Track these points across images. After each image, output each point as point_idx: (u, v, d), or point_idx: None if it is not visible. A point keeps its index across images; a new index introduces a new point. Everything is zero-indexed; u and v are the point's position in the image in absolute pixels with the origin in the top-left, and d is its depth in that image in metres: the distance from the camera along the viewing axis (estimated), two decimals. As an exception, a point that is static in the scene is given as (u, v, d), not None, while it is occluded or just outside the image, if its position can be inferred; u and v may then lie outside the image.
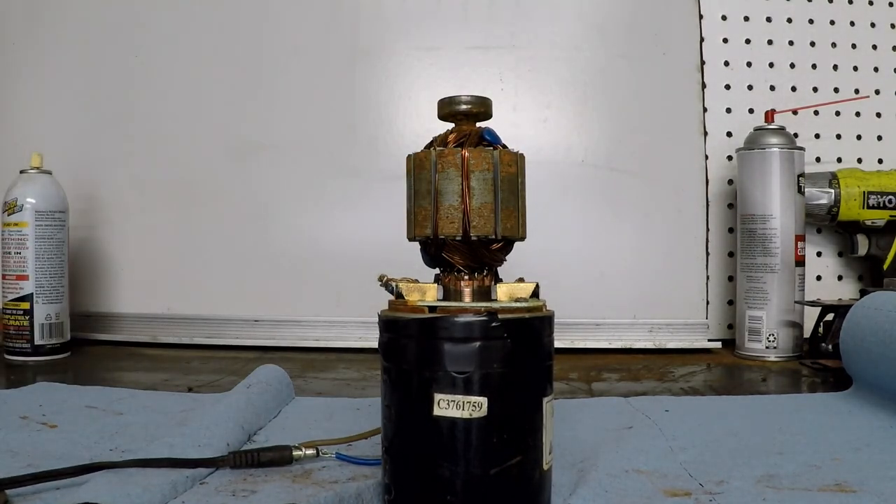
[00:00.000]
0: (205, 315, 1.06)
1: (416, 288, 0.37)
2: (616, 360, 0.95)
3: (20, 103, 1.13)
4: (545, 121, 1.06)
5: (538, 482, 0.36)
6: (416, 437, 0.35)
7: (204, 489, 0.42)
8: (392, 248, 0.62)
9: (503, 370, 0.34)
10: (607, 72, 1.06)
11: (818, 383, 0.79)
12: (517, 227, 0.37)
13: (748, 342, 0.96)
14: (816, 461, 0.47)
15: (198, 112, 1.09)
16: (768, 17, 1.08)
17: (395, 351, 0.36)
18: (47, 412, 0.60)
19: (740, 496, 0.41)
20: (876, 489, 0.41)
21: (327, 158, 1.07)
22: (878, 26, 1.08)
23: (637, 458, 0.47)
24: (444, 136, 0.38)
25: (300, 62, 1.08)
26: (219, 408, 0.53)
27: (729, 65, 1.08)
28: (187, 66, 1.09)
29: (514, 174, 0.37)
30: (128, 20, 1.11)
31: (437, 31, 1.07)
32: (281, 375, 0.65)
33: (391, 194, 0.73)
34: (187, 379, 0.79)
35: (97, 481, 0.40)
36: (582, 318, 1.01)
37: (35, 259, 0.91)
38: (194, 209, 1.09)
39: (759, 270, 0.95)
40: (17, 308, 0.90)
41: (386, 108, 1.08)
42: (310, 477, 0.44)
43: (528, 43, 1.06)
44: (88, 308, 1.08)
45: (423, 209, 0.37)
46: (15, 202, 0.90)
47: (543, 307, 0.37)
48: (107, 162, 1.10)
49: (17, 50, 1.13)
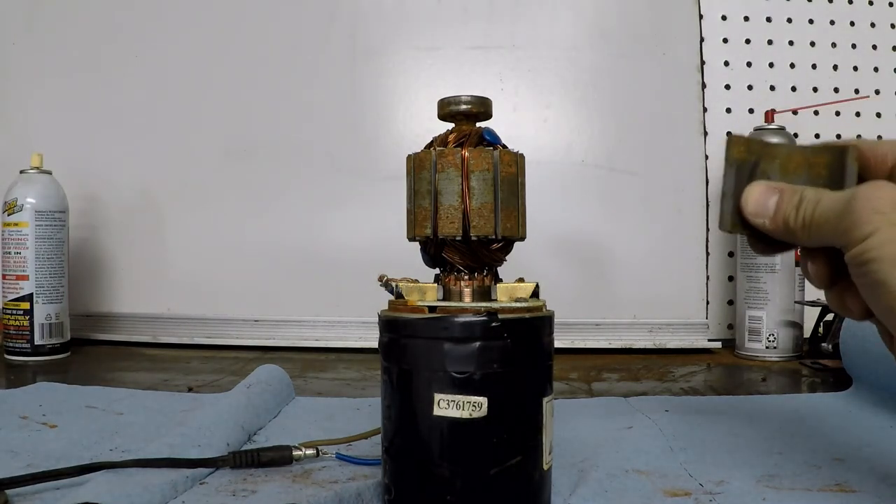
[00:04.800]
0: (205, 315, 1.06)
1: (416, 288, 0.37)
2: (616, 360, 0.95)
3: (20, 103, 1.13)
4: (545, 121, 1.06)
5: (538, 482, 0.36)
6: (416, 437, 0.35)
7: (204, 489, 0.42)
8: (392, 248, 0.62)
9: (503, 370, 0.34)
10: (607, 72, 1.06)
11: (818, 383, 0.79)
12: (517, 227, 0.37)
13: (748, 342, 0.96)
14: (816, 461, 0.47)
15: (197, 112, 1.09)
16: (768, 17, 1.08)
17: (396, 351, 0.36)
18: (47, 412, 0.59)
19: (740, 496, 0.41)
20: (876, 489, 0.41)
21: (327, 158, 1.07)
22: (878, 26, 1.07)
23: (637, 458, 0.47)
24: (444, 136, 0.38)
25: (300, 62, 1.08)
26: (219, 408, 0.53)
27: (729, 65, 1.08)
28: (187, 65, 1.09)
29: (514, 174, 0.37)
30: (128, 20, 1.11)
31: (437, 31, 1.07)
32: (281, 375, 0.65)
33: (391, 194, 0.73)
34: (187, 379, 0.79)
35: (97, 481, 0.40)
36: (582, 318, 1.01)
37: (35, 259, 0.91)
38: (194, 209, 1.09)
39: (759, 270, 0.95)
40: (17, 308, 0.90)
41: (386, 108, 1.08)
42: (310, 477, 0.44)
43: (528, 43, 1.06)
44: (88, 308, 1.08)
45: (423, 209, 0.37)
46: (15, 202, 0.90)
47: (543, 307, 0.37)
48: (107, 162, 1.10)
49: (17, 50, 1.13)
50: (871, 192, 0.32)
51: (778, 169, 0.36)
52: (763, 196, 0.35)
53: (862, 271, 0.32)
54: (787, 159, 0.36)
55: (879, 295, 0.31)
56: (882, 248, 0.30)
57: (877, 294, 0.32)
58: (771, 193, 0.35)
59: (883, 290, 0.31)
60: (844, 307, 0.36)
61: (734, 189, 0.37)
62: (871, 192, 0.32)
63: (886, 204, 0.31)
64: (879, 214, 0.31)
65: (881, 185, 0.32)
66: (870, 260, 0.31)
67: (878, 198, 0.31)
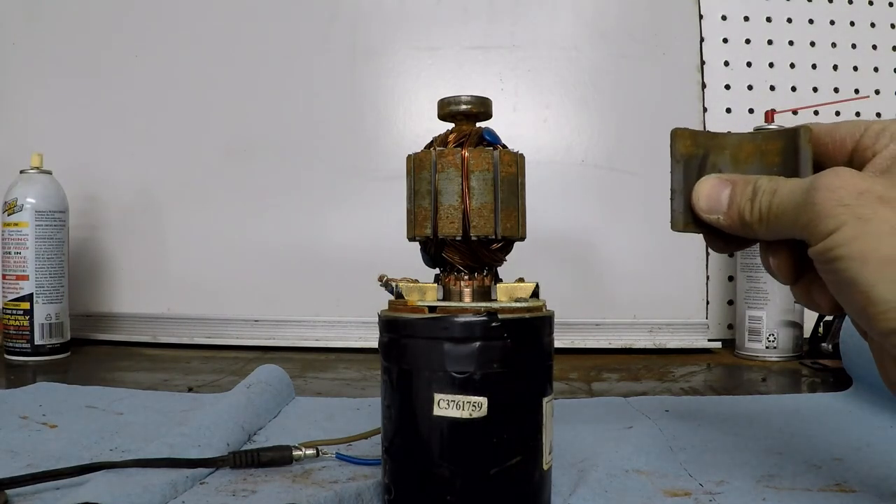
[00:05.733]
0: (205, 315, 1.06)
1: (416, 288, 0.37)
2: (616, 360, 0.95)
3: (20, 103, 1.13)
4: (545, 121, 1.06)
5: (538, 482, 0.36)
6: (416, 437, 0.35)
7: (204, 489, 0.42)
8: (392, 248, 0.62)
9: (503, 370, 0.34)
10: (607, 72, 1.06)
11: (818, 383, 0.79)
12: (517, 227, 0.37)
13: (748, 342, 0.96)
14: (816, 461, 0.47)
15: (198, 112, 1.09)
16: (768, 17, 1.08)
17: (395, 351, 0.36)
18: (47, 412, 0.59)
19: (740, 496, 0.41)
20: (876, 489, 0.41)
21: (327, 158, 1.07)
22: (878, 26, 1.08)
23: (637, 458, 0.47)
24: (444, 136, 0.38)
25: (300, 62, 1.08)
26: (219, 408, 0.53)
27: (729, 65, 1.08)
28: (187, 65, 1.09)
29: (514, 174, 0.37)
30: (128, 20, 1.11)
31: (437, 31, 1.07)
32: (281, 375, 0.65)
33: (391, 194, 0.73)
34: (187, 379, 0.79)
35: (97, 481, 0.40)
36: (582, 318, 1.01)
37: (35, 259, 0.91)
38: (194, 209, 1.09)
39: (759, 270, 0.95)
40: (17, 308, 0.90)
41: (386, 108, 1.08)
42: (310, 477, 0.44)
43: (528, 43, 1.06)
44: (88, 308, 1.09)
45: (423, 209, 0.37)
46: (15, 202, 0.90)
47: (543, 307, 0.37)
48: (107, 162, 1.10)
49: (17, 50, 1.13)
50: (833, 181, 0.29)
51: (729, 160, 0.34)
52: (715, 190, 0.33)
53: (830, 268, 0.30)
54: (737, 149, 0.34)
55: (850, 294, 0.29)
56: (850, 245, 0.28)
57: (848, 294, 0.30)
58: (723, 187, 0.33)
59: (854, 289, 0.29)
60: (812, 302, 0.34)
61: (683, 186, 0.35)
62: (832, 181, 0.29)
63: (850, 195, 0.29)
64: (844, 207, 0.29)
65: (843, 174, 0.30)
66: (838, 258, 0.29)
67: (840, 187, 0.29)
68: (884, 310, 0.28)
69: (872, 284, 0.28)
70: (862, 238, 0.28)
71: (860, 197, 0.29)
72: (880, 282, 0.28)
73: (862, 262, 0.28)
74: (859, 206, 0.28)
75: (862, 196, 0.29)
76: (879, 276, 0.28)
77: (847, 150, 0.33)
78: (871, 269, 0.28)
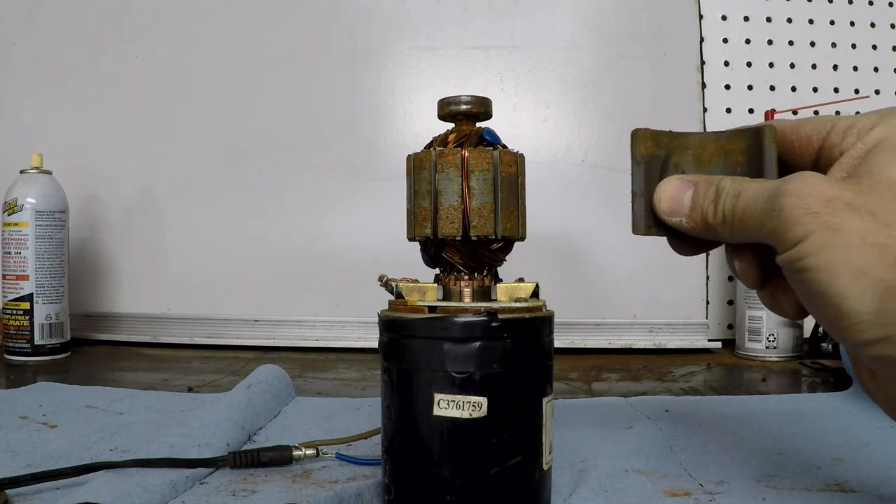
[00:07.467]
0: (205, 315, 1.06)
1: (416, 288, 0.37)
2: (616, 360, 0.95)
3: (20, 103, 1.13)
4: (545, 121, 1.06)
5: (538, 482, 0.36)
6: (416, 437, 0.35)
7: (204, 489, 0.42)
8: (392, 248, 0.62)
9: (503, 370, 0.34)
10: (607, 72, 1.06)
11: (818, 383, 0.79)
12: (517, 227, 0.37)
13: (748, 342, 0.96)
14: (816, 461, 0.47)
15: (198, 112, 1.09)
16: (768, 17, 1.08)
17: (395, 351, 0.36)
18: (47, 412, 0.60)
19: (740, 496, 0.41)
20: (876, 489, 0.41)
21: (327, 158, 1.07)
22: (878, 26, 1.08)
23: (637, 458, 0.47)
24: (444, 136, 0.38)
25: (300, 62, 1.08)
26: (219, 408, 0.53)
27: (729, 65, 1.08)
28: (187, 65, 1.09)
29: (514, 174, 0.37)
30: (128, 20, 1.11)
31: (437, 31, 1.07)
32: (281, 375, 0.65)
33: (391, 194, 0.73)
34: (187, 379, 0.79)
35: (97, 481, 0.40)
36: (582, 318, 1.01)
37: (35, 259, 0.91)
38: (194, 209, 1.09)
39: (759, 270, 0.95)
40: (17, 308, 0.90)
41: (386, 108, 1.08)
42: (310, 477, 0.44)
43: (528, 43, 1.06)
44: (88, 308, 1.09)
45: (423, 209, 0.37)
46: (15, 202, 0.90)
47: (543, 307, 0.37)
48: (107, 162, 1.10)
49: (17, 50, 1.13)
50: (800, 188, 0.28)
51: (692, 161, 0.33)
52: (677, 192, 0.32)
53: (798, 278, 0.29)
54: (700, 149, 0.33)
55: (821, 306, 0.29)
56: (819, 256, 0.27)
57: (818, 304, 0.29)
58: (685, 188, 0.32)
59: (825, 300, 0.28)
60: (779, 307, 0.33)
61: (645, 188, 0.34)
62: (799, 188, 0.28)
63: (818, 202, 0.28)
64: (812, 215, 0.28)
65: (810, 180, 0.28)
66: (806, 268, 0.28)
67: (808, 195, 0.28)
68: (855, 322, 0.28)
69: (844, 297, 0.28)
70: (831, 248, 0.27)
71: (828, 204, 0.28)
72: (851, 294, 0.27)
73: (832, 273, 0.27)
74: (828, 214, 0.27)
75: (830, 203, 0.28)
76: (850, 289, 0.27)
77: (813, 149, 0.32)
78: (842, 281, 0.27)
